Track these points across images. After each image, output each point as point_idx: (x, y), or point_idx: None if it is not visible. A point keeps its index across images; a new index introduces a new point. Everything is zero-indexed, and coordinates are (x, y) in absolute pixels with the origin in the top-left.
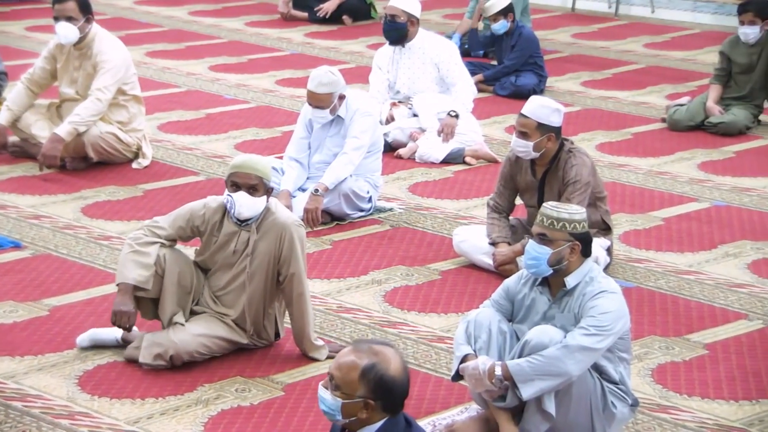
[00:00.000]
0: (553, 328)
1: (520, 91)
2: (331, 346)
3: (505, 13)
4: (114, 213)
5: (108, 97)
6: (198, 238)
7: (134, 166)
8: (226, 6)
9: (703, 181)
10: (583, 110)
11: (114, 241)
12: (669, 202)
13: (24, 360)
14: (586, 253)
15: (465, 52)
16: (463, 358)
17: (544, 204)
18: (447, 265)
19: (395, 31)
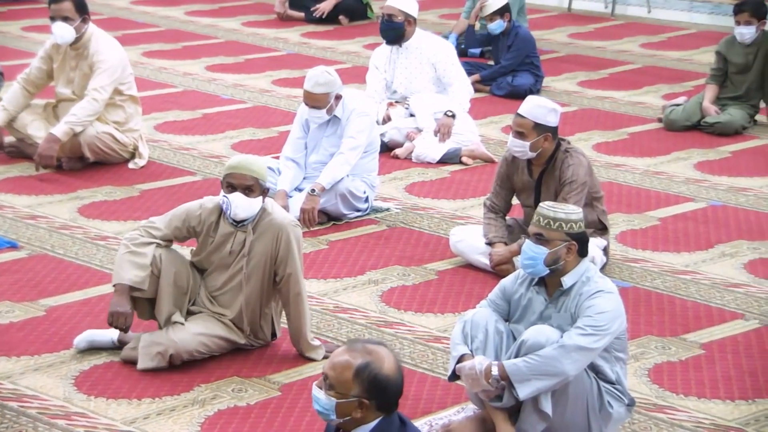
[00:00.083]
0: (550, 328)
1: (516, 91)
2: (328, 346)
3: (502, 12)
4: (110, 213)
5: (104, 97)
6: (194, 238)
7: (131, 166)
8: (223, 6)
9: (700, 181)
10: (579, 110)
11: (110, 242)
12: (665, 202)
13: (20, 360)
14: (583, 253)
15: (462, 52)
16: (460, 358)
17: (541, 204)
18: (444, 265)
19: (392, 31)
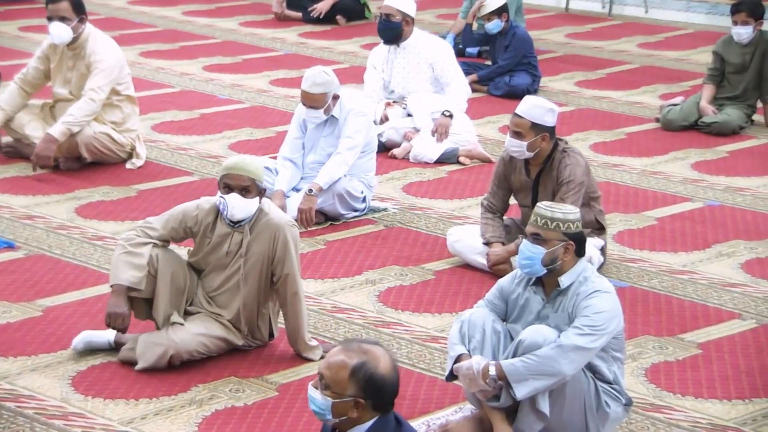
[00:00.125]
0: (547, 328)
1: (514, 91)
2: (325, 346)
3: (499, 12)
4: (108, 213)
5: (101, 98)
6: (191, 239)
7: (128, 166)
8: (220, 6)
9: (697, 181)
10: (576, 110)
11: (108, 242)
12: (663, 202)
13: (17, 360)
14: (580, 252)
15: (459, 52)
16: (457, 358)
17: (538, 204)
18: (441, 265)
19: (390, 31)
